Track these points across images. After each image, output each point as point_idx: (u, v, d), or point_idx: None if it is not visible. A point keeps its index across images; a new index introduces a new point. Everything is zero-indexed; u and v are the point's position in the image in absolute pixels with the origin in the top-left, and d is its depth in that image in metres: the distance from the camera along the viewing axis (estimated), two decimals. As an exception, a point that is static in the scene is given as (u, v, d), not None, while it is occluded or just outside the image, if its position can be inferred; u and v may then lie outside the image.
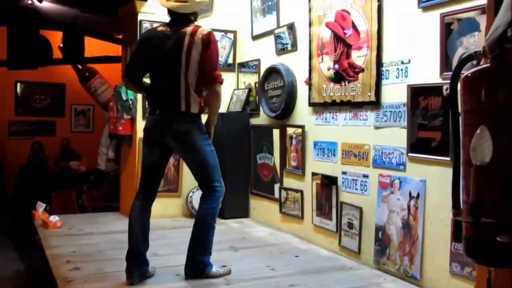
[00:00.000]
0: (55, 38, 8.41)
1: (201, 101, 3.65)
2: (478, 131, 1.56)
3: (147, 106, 3.91)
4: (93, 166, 8.54)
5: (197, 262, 3.65)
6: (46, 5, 6.82)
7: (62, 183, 8.52)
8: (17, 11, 7.09)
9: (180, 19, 3.69)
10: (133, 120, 5.82)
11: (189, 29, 3.61)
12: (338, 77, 4.40)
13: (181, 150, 3.76)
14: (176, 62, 3.57)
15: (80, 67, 8.08)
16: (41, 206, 5.66)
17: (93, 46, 8.52)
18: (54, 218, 5.30)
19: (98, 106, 8.73)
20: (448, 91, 3.15)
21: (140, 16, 5.70)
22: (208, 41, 3.58)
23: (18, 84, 10.14)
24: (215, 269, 3.70)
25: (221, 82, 3.68)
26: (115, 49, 8.22)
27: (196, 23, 3.77)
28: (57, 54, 8.33)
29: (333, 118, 4.54)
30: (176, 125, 3.60)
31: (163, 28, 3.72)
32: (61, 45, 8.25)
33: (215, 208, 3.71)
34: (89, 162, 9.06)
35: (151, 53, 3.67)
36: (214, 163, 3.72)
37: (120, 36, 7.01)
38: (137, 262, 3.60)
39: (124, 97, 5.69)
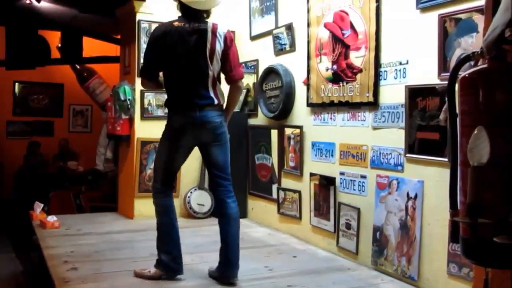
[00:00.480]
0: (54, 38, 8.40)
1: (232, 95, 3.82)
2: (475, 132, 1.56)
3: (164, 104, 3.89)
4: (91, 167, 8.53)
5: (237, 264, 3.65)
6: (44, 5, 6.81)
7: (60, 183, 8.51)
8: (16, 11, 7.09)
9: (194, 15, 3.65)
10: (131, 120, 5.81)
11: (209, 25, 3.65)
12: (336, 78, 4.40)
13: (214, 142, 3.70)
14: (203, 58, 3.59)
15: (78, 67, 8.07)
16: (39, 206, 5.65)
17: (91, 46, 8.51)
18: (52, 218, 5.29)
19: (96, 106, 8.72)
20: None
21: (138, 16, 5.70)
22: (230, 39, 3.69)
23: (16, 84, 10.13)
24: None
25: (242, 78, 3.84)
26: (113, 49, 8.22)
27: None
28: (56, 54, 8.32)
29: (331, 118, 4.54)
30: (212, 118, 3.63)
31: (179, 23, 3.65)
32: (60, 45, 8.24)
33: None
34: (87, 163, 9.05)
35: (170, 49, 3.62)
36: (229, 157, 3.84)
37: (119, 36, 7.00)
38: (180, 254, 3.70)
39: (122, 97, 5.68)
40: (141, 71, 3.96)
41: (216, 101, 3.65)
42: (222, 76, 3.77)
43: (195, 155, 6.08)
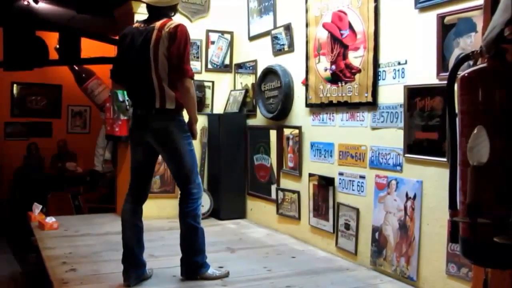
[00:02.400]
0: (51, 39, 8.35)
1: (178, 96, 3.54)
2: (475, 132, 1.55)
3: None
4: (89, 168, 8.52)
5: (190, 263, 3.65)
6: (42, 6, 6.80)
7: (59, 184, 8.49)
8: (13, 12, 7.07)
9: (156, 14, 3.60)
10: (129, 121, 5.79)
11: (158, 23, 3.52)
12: (335, 78, 4.40)
13: (159, 148, 3.66)
14: (145, 58, 3.49)
15: (76, 68, 8.03)
16: (37, 208, 5.64)
17: (89, 47, 8.46)
18: (50, 220, 5.28)
19: (94, 107, 8.70)
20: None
21: (136, 17, 5.68)
22: (175, 34, 3.45)
23: (14, 85, 10.10)
24: (211, 271, 3.69)
25: (190, 77, 3.53)
26: (111, 50, 8.19)
27: (192, 23, 3.73)
28: (53, 55, 8.28)
29: (330, 119, 4.54)
30: (154, 123, 3.54)
31: (139, 24, 3.66)
32: (57, 46, 8.21)
33: (194, 210, 3.66)
34: (86, 163, 9.04)
35: (125, 51, 3.63)
36: (191, 164, 3.64)
37: (117, 37, 6.98)
38: (133, 265, 3.58)
39: (120, 98, 5.67)
40: (110, 72, 3.89)
41: (157, 105, 3.50)
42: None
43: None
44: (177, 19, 5.85)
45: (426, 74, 3.52)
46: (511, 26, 1.64)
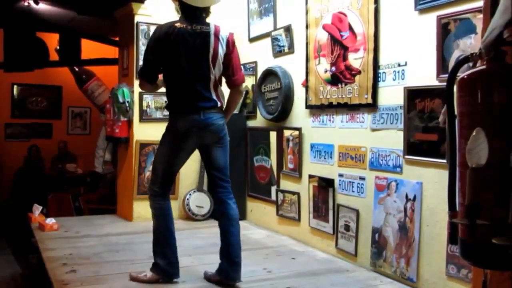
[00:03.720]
0: (52, 40, 8.39)
1: (220, 96, 3.74)
2: (474, 133, 1.56)
3: (165, 107, 3.91)
4: (90, 169, 8.53)
5: (240, 265, 3.62)
6: (42, 7, 6.81)
7: (59, 185, 8.50)
8: (14, 13, 7.09)
9: (194, 15, 3.63)
10: (130, 123, 5.81)
11: (211, 28, 3.64)
12: (335, 80, 4.41)
13: (217, 144, 3.71)
14: (205, 61, 3.58)
15: (77, 69, 8.07)
16: (37, 209, 5.64)
17: (89, 48, 8.51)
18: (50, 221, 5.28)
19: (95, 108, 8.72)
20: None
21: (137, 18, 5.70)
22: (233, 42, 3.69)
23: (15, 86, 10.12)
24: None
25: (244, 82, 3.89)
26: (112, 51, 8.22)
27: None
28: (54, 56, 8.32)
29: (330, 120, 4.54)
30: (215, 120, 3.64)
31: (182, 25, 3.59)
32: (58, 47, 8.24)
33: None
34: (86, 165, 9.05)
35: (172, 50, 3.57)
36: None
37: (117, 38, 7.00)
38: (176, 257, 3.66)
39: (121, 100, 5.68)
40: (141, 73, 3.85)
41: (219, 104, 3.66)
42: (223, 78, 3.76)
43: (194, 157, 6.07)
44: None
45: (426, 75, 3.52)
46: (510, 28, 1.64)
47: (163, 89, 5.68)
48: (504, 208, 1.45)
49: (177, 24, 3.61)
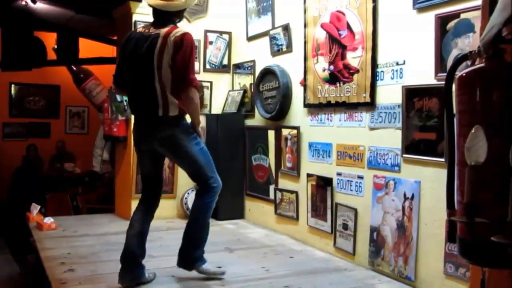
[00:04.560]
0: (50, 39, 8.39)
1: (181, 103, 3.50)
2: (472, 131, 1.55)
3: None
4: (88, 168, 8.53)
5: (189, 254, 3.66)
6: (40, 6, 6.80)
7: (57, 185, 8.49)
8: (11, 12, 7.08)
9: (162, 19, 3.55)
10: (127, 122, 5.80)
11: (164, 30, 3.47)
12: (333, 78, 4.40)
13: (169, 155, 3.71)
14: (149, 66, 3.43)
15: (74, 68, 8.05)
16: (35, 208, 5.64)
17: (87, 48, 8.50)
18: (48, 220, 5.28)
19: (93, 107, 8.71)
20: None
21: (135, 17, 5.69)
22: (181, 42, 3.40)
23: (13, 85, 10.11)
24: (206, 266, 3.68)
25: (194, 86, 3.49)
26: (110, 50, 8.22)
27: (190, 24, 3.71)
28: (52, 55, 8.31)
29: (328, 119, 4.54)
30: (159, 131, 3.50)
31: (143, 29, 3.60)
32: (56, 46, 8.23)
33: (209, 203, 3.67)
34: (84, 164, 9.05)
35: (128, 56, 3.58)
36: (204, 161, 3.63)
37: (115, 37, 6.99)
38: (130, 265, 3.55)
39: (118, 99, 5.68)
40: (113, 79, 3.84)
41: (161, 112, 3.46)
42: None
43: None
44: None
45: (425, 74, 3.52)
46: (509, 26, 1.64)
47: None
48: (503, 206, 1.45)
49: (140, 29, 3.62)
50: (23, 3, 6.72)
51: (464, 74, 1.71)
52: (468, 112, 1.68)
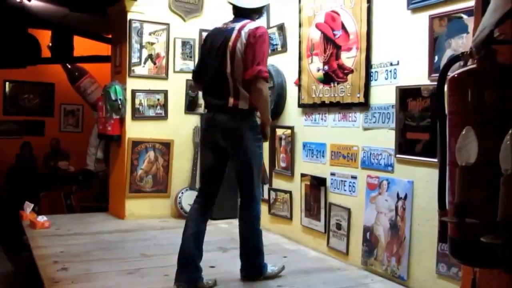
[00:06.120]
0: (44, 37, 8.36)
1: (252, 97, 3.50)
2: (463, 132, 1.56)
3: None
4: (82, 167, 8.51)
5: (254, 265, 3.67)
6: (34, 3, 6.77)
7: (51, 183, 8.46)
8: (5, 9, 7.04)
9: (240, 15, 3.65)
10: (122, 120, 5.79)
11: (239, 24, 3.55)
12: (327, 78, 4.41)
13: (230, 148, 3.61)
14: (223, 58, 3.50)
15: (69, 66, 8.03)
16: (28, 206, 5.62)
17: (82, 46, 8.47)
18: (42, 218, 5.27)
19: (87, 106, 8.69)
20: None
21: (130, 15, 5.69)
22: (254, 35, 3.45)
23: (7, 83, 10.06)
24: (270, 269, 3.72)
25: (264, 78, 3.45)
26: (104, 49, 8.18)
27: (185, 23, 3.73)
28: (46, 53, 8.28)
29: (322, 119, 4.55)
30: (225, 123, 3.50)
31: (223, 25, 3.67)
32: (50, 44, 8.20)
33: (258, 213, 3.67)
34: (78, 163, 9.02)
35: (206, 51, 3.66)
36: (258, 166, 3.63)
37: (110, 36, 6.98)
38: (187, 267, 3.48)
39: (113, 97, 5.66)
40: (192, 74, 3.94)
41: (231, 103, 3.48)
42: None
43: (187, 156, 6.09)
44: (169, 18, 5.90)
45: (418, 75, 3.53)
46: (501, 27, 1.65)
47: (156, 87, 5.73)
48: (493, 207, 1.46)
49: (220, 25, 3.69)
50: (18, 0, 6.69)
51: (456, 75, 1.71)
52: (460, 112, 1.69)
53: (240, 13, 3.65)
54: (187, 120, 6.06)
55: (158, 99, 5.87)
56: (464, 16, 3.18)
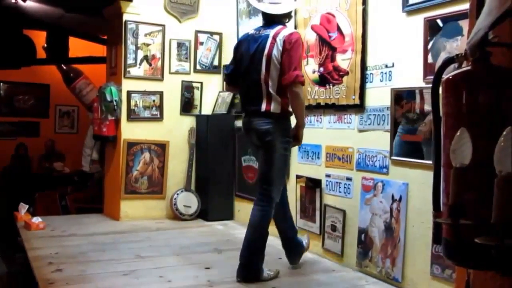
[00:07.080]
0: (39, 38, 8.33)
1: (285, 102, 3.64)
2: (458, 133, 1.56)
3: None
4: (77, 168, 8.48)
5: (255, 269, 3.70)
6: (30, 4, 6.75)
7: (46, 184, 8.44)
8: (0, 10, 7.02)
9: (271, 21, 3.75)
10: (117, 121, 5.79)
11: (273, 30, 3.65)
12: (323, 80, 4.42)
13: (260, 148, 3.80)
14: (258, 64, 3.63)
15: (64, 67, 8.01)
16: (23, 208, 5.61)
17: (77, 47, 8.45)
18: (37, 220, 5.25)
19: (82, 107, 8.67)
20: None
21: (125, 17, 5.69)
22: (289, 41, 3.58)
23: (1, 84, 10.03)
24: (266, 273, 3.75)
25: (300, 82, 3.59)
26: (100, 50, 8.18)
27: (181, 24, 3.77)
28: (41, 54, 8.26)
29: (317, 121, 4.56)
30: (258, 125, 3.67)
31: (255, 31, 3.79)
32: (45, 45, 8.18)
33: (269, 215, 3.74)
34: (73, 164, 9.00)
35: (240, 57, 3.80)
36: (279, 167, 3.72)
37: (105, 37, 6.97)
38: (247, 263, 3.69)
39: (108, 98, 5.66)
40: (225, 77, 4.05)
41: (263, 108, 3.63)
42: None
43: (182, 157, 6.09)
44: (165, 19, 5.90)
45: (413, 77, 3.54)
46: (495, 30, 1.66)
47: (151, 88, 5.74)
48: (487, 208, 1.46)
49: (252, 31, 3.82)
50: (13, 0, 6.67)
51: (450, 77, 1.72)
52: (454, 114, 1.69)
53: (271, 19, 3.76)
54: (183, 122, 6.06)
55: (154, 100, 5.87)
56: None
